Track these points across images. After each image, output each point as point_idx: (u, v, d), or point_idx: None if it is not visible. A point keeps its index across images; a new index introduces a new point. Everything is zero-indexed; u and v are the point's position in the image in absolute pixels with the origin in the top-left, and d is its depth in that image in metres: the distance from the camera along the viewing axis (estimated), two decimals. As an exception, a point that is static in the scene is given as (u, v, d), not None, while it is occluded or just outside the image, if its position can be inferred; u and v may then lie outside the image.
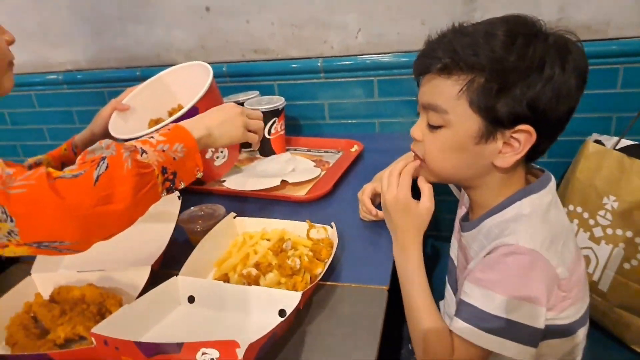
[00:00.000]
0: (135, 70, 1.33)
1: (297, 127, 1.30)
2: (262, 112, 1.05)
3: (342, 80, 1.22)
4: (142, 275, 0.69)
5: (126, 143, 0.61)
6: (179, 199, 0.80)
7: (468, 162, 0.60)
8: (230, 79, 1.27)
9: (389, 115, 1.23)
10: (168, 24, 1.27)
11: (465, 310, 0.57)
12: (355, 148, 1.12)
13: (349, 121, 1.27)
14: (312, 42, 1.21)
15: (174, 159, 0.63)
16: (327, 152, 1.14)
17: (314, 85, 1.24)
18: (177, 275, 0.66)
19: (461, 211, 0.75)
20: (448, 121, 0.58)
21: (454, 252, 0.75)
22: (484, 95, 0.55)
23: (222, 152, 0.98)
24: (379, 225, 0.80)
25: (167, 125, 0.68)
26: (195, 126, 0.69)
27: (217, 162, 0.98)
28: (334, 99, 1.25)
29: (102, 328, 0.54)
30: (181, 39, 1.28)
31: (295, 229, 0.75)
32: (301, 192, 0.93)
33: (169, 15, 1.26)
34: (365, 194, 0.82)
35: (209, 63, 1.27)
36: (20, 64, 1.46)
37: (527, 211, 0.59)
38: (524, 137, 0.56)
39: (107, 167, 0.55)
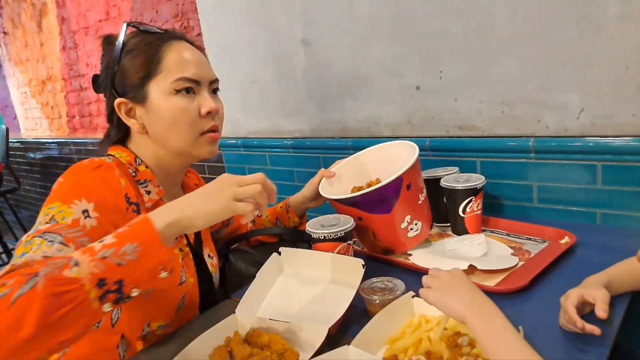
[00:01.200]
0: (347, 141, 1.48)
1: (498, 207, 1.22)
2: (459, 189, 1.03)
3: (557, 162, 1.10)
4: (319, 336, 0.73)
5: (61, 257, 0.57)
6: (363, 267, 0.83)
7: None
8: (432, 153, 1.29)
9: (614, 207, 1.05)
10: (379, 101, 1.39)
11: None
12: (566, 240, 0.98)
13: (562, 207, 1.12)
14: (524, 121, 1.14)
15: (119, 264, 0.56)
16: (529, 239, 1.03)
17: (522, 165, 1.16)
18: (349, 343, 0.68)
19: None
20: None
21: None
22: None
23: (416, 224, 0.99)
24: (582, 340, 0.68)
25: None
26: (166, 212, 0.63)
27: (410, 234, 1.00)
28: (545, 182, 1.14)
29: (275, 380, 0.59)
30: (390, 114, 1.38)
31: (476, 323, 0.69)
32: (491, 282, 0.85)
33: (381, 93, 1.38)
34: (569, 300, 0.70)
35: (413, 137, 1.33)
36: (262, 130, 1.80)
37: None
38: None
39: (31, 287, 0.51)
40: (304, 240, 1.04)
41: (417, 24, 1.25)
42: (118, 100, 0.84)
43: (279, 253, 0.93)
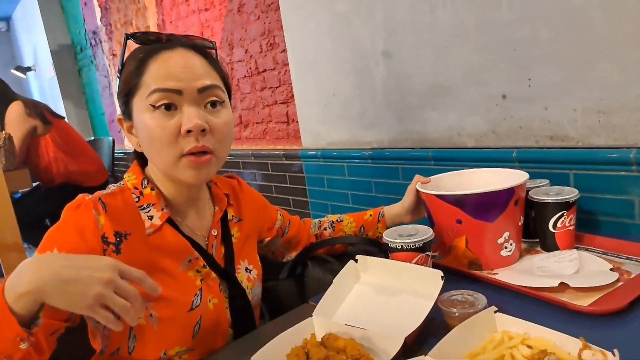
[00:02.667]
0: (427, 151, 1.46)
1: (593, 224, 1.12)
2: (549, 202, 0.97)
3: (665, 175, 1.00)
4: (395, 345, 0.72)
5: None
6: (442, 279, 0.82)
7: None
8: (520, 164, 1.23)
9: None
10: (462, 110, 1.35)
11: None
12: (675, 261, 0.89)
13: (671, 226, 1.02)
14: (625, 130, 1.05)
15: None
16: (630, 259, 0.94)
17: (622, 179, 1.06)
18: (425, 354, 0.67)
19: None
20: None
21: None
22: None
23: (512, 244, 0.96)
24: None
25: None
26: (26, 279, 0.57)
27: (503, 253, 0.96)
28: (649, 197, 1.03)
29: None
30: (473, 124, 1.33)
31: (565, 343, 0.64)
32: (584, 301, 0.79)
33: (464, 102, 1.34)
34: None
35: (499, 148, 1.27)
36: (341, 141, 1.83)
37: None
38: None
39: None
40: (381, 251, 1.04)
41: (503, 30, 1.21)
42: (118, 116, 0.83)
43: (356, 260, 0.94)
